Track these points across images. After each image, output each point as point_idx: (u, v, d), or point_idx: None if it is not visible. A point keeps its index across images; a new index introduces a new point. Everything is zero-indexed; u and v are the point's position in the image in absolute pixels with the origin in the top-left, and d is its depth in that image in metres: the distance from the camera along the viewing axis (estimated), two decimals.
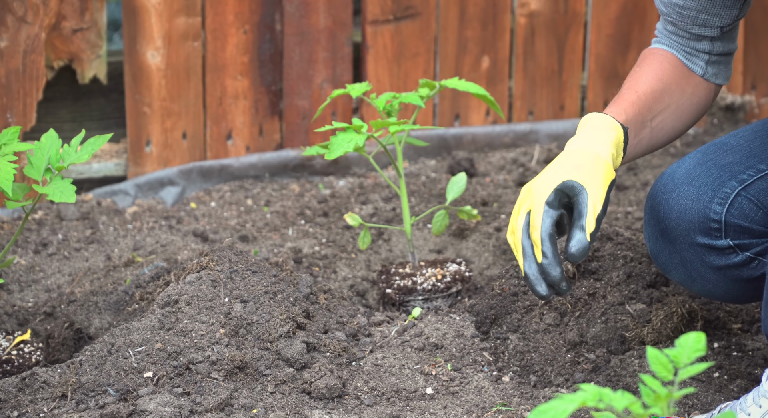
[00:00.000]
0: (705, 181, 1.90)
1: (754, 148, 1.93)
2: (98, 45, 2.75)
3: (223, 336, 1.99)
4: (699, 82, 1.99)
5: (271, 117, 2.90)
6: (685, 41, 1.97)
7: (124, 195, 2.77)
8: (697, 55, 1.98)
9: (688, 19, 1.94)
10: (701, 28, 1.94)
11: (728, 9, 1.92)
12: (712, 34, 1.95)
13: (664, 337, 2.03)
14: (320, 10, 2.86)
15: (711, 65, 1.99)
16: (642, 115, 1.91)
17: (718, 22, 1.93)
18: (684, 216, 1.90)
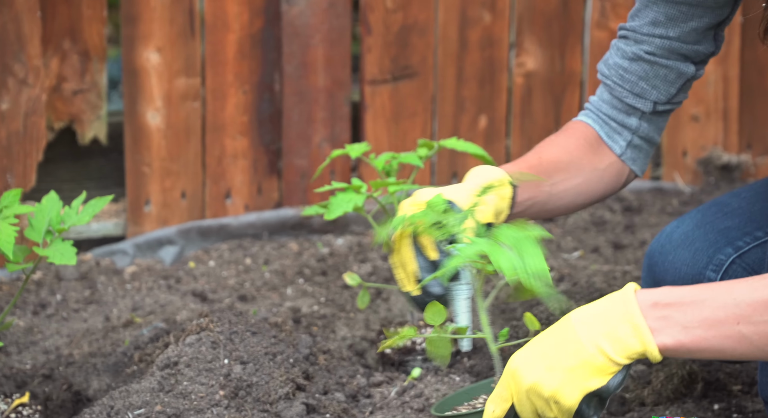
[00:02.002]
0: (701, 246, 1.90)
1: (753, 213, 1.93)
2: (99, 106, 2.77)
3: (223, 398, 1.98)
4: (614, 162, 1.93)
5: (270, 176, 2.91)
6: (615, 113, 1.93)
7: (122, 255, 2.77)
8: (621, 132, 1.93)
9: (627, 85, 1.90)
10: (636, 99, 1.91)
11: (668, 85, 1.90)
12: (644, 109, 1.91)
13: (664, 399, 2.03)
14: (319, 70, 2.88)
15: (632, 148, 1.94)
16: (538, 180, 1.88)
17: (655, 96, 1.90)
18: (678, 280, 1.90)
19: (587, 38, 3.04)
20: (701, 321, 1.45)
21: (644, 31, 1.89)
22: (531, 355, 1.48)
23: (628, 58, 1.90)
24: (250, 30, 2.83)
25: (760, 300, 1.43)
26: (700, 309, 1.45)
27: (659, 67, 1.89)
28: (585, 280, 2.59)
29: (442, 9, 2.93)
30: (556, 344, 1.46)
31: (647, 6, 1.89)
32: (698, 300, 1.45)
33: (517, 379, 1.49)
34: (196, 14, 2.78)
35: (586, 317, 1.47)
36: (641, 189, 3.09)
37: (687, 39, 1.87)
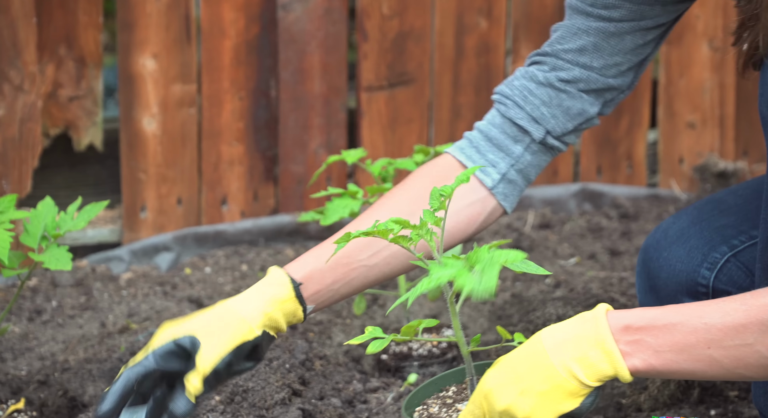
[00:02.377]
0: (696, 244, 1.89)
1: (750, 211, 1.92)
2: (94, 112, 2.77)
3: (219, 403, 1.98)
4: (481, 198, 1.80)
5: (266, 182, 2.91)
6: (503, 138, 1.81)
7: (118, 261, 2.76)
8: (497, 163, 1.81)
9: (528, 106, 1.82)
10: (531, 123, 1.81)
11: (567, 119, 1.82)
12: (535, 135, 1.81)
13: (661, 404, 2.02)
14: (315, 76, 2.88)
15: (505, 182, 1.81)
16: (349, 256, 1.74)
17: (551, 125, 1.82)
18: (673, 277, 1.89)
19: None
20: (672, 345, 1.46)
21: (568, 57, 1.82)
22: (504, 377, 1.49)
23: (537, 83, 1.83)
24: (246, 36, 2.83)
25: (731, 325, 1.45)
26: (672, 333, 1.46)
27: (566, 98, 1.82)
28: (582, 286, 2.59)
29: (439, 16, 2.94)
30: (528, 368, 1.48)
31: (576, 34, 1.82)
32: (669, 324, 1.46)
33: (490, 401, 1.50)
34: (192, 21, 2.78)
35: (558, 341, 1.47)
36: (637, 196, 3.09)
37: (607, 72, 1.82)
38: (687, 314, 1.46)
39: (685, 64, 3.11)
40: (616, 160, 3.11)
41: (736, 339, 1.44)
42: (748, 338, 1.44)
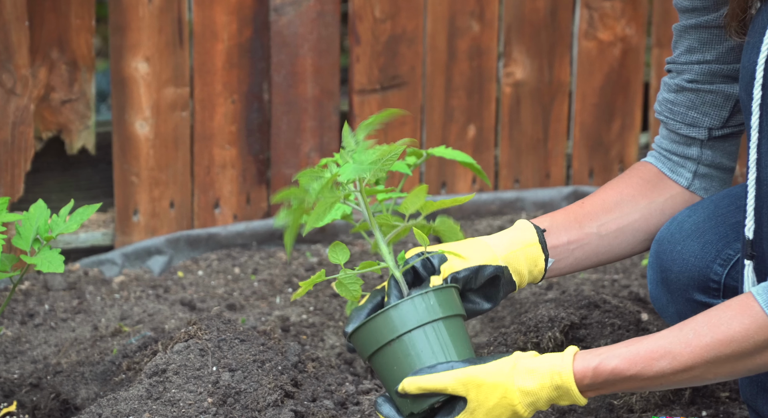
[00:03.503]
0: (711, 239, 1.89)
1: (765, 208, 1.92)
2: (87, 116, 2.77)
3: (211, 405, 1.98)
4: (677, 193, 1.93)
5: (259, 186, 2.91)
6: (675, 146, 1.94)
7: (111, 265, 2.77)
8: (684, 164, 1.94)
9: (678, 117, 1.92)
10: (690, 129, 1.92)
11: (717, 109, 1.91)
12: (701, 137, 1.92)
13: (652, 405, 2.03)
14: (308, 79, 2.89)
15: (699, 178, 1.94)
16: (579, 222, 1.88)
17: (707, 122, 1.91)
18: (685, 271, 1.90)
19: (575, 48, 3.05)
20: (628, 389, 1.69)
21: (682, 60, 1.91)
22: (478, 405, 1.68)
23: (673, 91, 1.92)
24: (239, 39, 2.84)
25: (679, 368, 1.65)
26: (628, 382, 1.67)
27: (704, 94, 1.90)
28: (574, 288, 2.59)
29: (431, 19, 2.94)
30: (503, 410, 1.68)
31: (681, 36, 1.91)
32: (626, 377, 1.66)
33: None
34: (184, 24, 2.79)
35: (528, 389, 1.68)
36: None
37: (726, 59, 1.88)
38: (640, 364, 1.65)
39: None
40: (608, 162, 3.12)
41: (685, 376, 1.65)
42: (696, 372, 1.65)
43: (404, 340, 1.70)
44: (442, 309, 1.72)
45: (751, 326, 1.62)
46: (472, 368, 1.67)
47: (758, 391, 1.85)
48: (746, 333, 1.62)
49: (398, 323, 1.71)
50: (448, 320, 1.72)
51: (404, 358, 1.70)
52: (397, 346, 1.70)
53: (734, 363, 1.64)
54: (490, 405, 1.66)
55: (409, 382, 1.68)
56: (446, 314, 1.72)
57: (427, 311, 1.71)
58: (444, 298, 1.73)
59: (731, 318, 1.63)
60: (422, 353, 1.70)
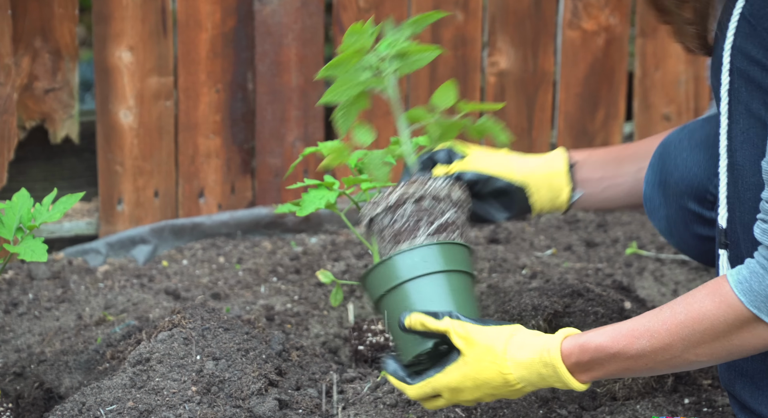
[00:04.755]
0: (716, 153, 1.87)
1: (737, 195, 1.92)
2: (70, 105, 2.76)
3: (195, 394, 1.98)
4: None
5: (243, 175, 2.91)
6: None
7: (95, 254, 2.76)
8: None
9: None
10: None
11: None
12: None
13: (635, 393, 2.04)
14: (292, 69, 2.88)
15: None
16: (619, 161, 1.90)
17: None
18: (685, 179, 1.89)
19: (559, 38, 3.06)
20: (615, 370, 1.72)
21: None
22: (467, 387, 1.75)
23: None
24: (223, 29, 2.83)
25: (658, 347, 1.69)
26: (613, 362, 1.71)
27: None
28: (557, 277, 2.60)
29: (415, 8, 2.94)
30: (492, 375, 1.73)
31: None
32: (610, 355, 1.70)
33: (451, 394, 1.76)
34: (168, 13, 2.78)
35: (518, 361, 1.73)
36: None
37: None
38: (622, 342, 1.69)
39: (660, 56, 3.12)
40: None
41: (665, 355, 1.68)
42: (675, 351, 1.68)
43: (412, 285, 1.78)
44: (451, 263, 1.79)
45: (722, 305, 1.64)
46: (472, 325, 1.72)
47: (736, 375, 1.87)
48: (717, 311, 1.65)
49: (405, 269, 1.78)
50: (457, 275, 1.78)
51: (411, 303, 1.77)
52: (406, 290, 1.78)
53: (711, 344, 1.66)
54: (481, 366, 1.71)
55: (415, 316, 1.75)
56: (454, 268, 1.79)
57: (436, 262, 1.78)
58: (454, 253, 1.80)
59: (704, 297, 1.66)
60: (429, 299, 1.77)
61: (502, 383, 1.72)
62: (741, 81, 1.70)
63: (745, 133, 1.71)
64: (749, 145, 1.71)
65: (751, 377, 1.85)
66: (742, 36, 1.69)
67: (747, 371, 1.85)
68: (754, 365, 1.84)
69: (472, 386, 1.74)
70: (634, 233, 2.89)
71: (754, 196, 1.71)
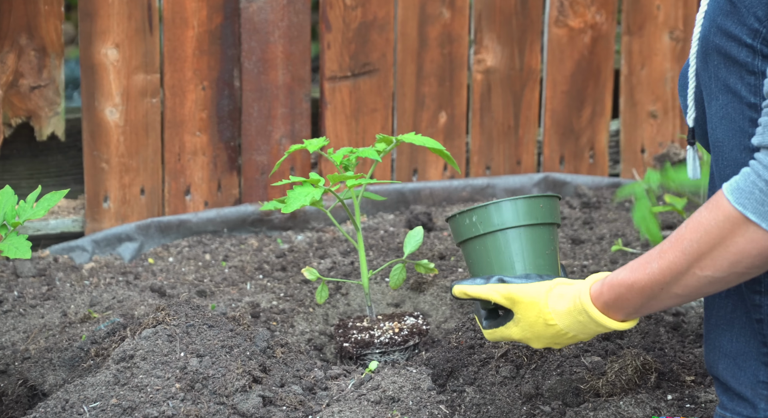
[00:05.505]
0: None
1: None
2: (56, 102, 2.76)
3: (179, 391, 1.98)
4: None
5: (230, 172, 2.91)
6: None
7: (81, 251, 2.76)
8: None
9: None
10: None
11: None
12: None
13: (619, 389, 2.04)
14: (279, 66, 2.88)
15: None
16: None
17: None
18: None
19: (546, 35, 3.06)
20: (642, 303, 1.74)
21: None
22: (531, 330, 1.84)
23: None
24: (209, 26, 2.83)
25: (666, 267, 1.69)
26: (636, 295, 1.73)
27: None
28: None
29: (402, 5, 2.94)
30: (542, 327, 1.82)
31: None
32: (630, 284, 1.73)
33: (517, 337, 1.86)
34: (154, 10, 2.78)
35: (559, 311, 1.80)
36: (600, 185, 3.11)
37: None
38: (638, 271, 1.71)
39: (646, 54, 3.13)
40: (578, 149, 3.13)
41: (673, 274, 1.67)
42: (681, 267, 1.66)
43: (484, 240, 1.88)
44: (528, 217, 1.88)
45: (713, 209, 1.63)
46: (513, 286, 1.81)
47: (719, 356, 1.88)
48: (709, 216, 1.63)
49: (486, 221, 1.88)
50: (528, 229, 1.87)
51: (479, 257, 1.89)
52: (481, 242, 1.89)
53: (711, 255, 1.63)
54: (530, 320, 1.80)
55: (457, 289, 1.86)
56: (530, 222, 1.88)
57: (508, 217, 1.87)
58: (532, 206, 1.89)
59: (703, 208, 1.65)
60: (490, 260, 1.88)
61: (554, 333, 1.80)
62: (719, 58, 1.73)
63: (724, 108, 1.73)
64: (728, 121, 1.73)
65: (733, 358, 1.86)
66: (722, 14, 1.71)
67: (730, 352, 1.87)
68: (738, 347, 1.86)
69: (533, 337, 1.82)
70: (620, 230, 2.90)
71: (734, 173, 1.72)
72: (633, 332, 2.21)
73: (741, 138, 1.73)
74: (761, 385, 1.85)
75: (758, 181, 1.60)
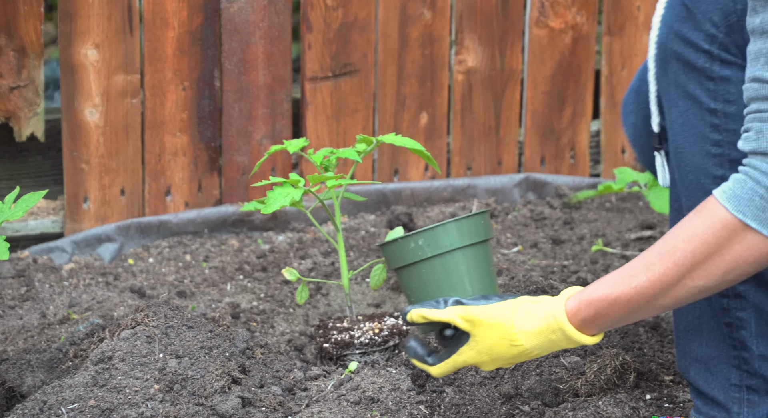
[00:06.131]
0: None
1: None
2: (36, 102, 2.75)
3: (158, 392, 1.97)
4: None
5: (211, 173, 2.91)
6: None
7: (60, 252, 2.75)
8: None
9: None
10: None
11: None
12: None
13: (598, 389, 2.05)
14: (259, 67, 2.88)
15: None
16: None
17: None
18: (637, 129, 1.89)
19: (527, 36, 3.07)
20: (623, 316, 1.70)
21: None
22: (484, 357, 1.78)
23: None
24: (190, 27, 2.83)
25: (655, 279, 1.65)
26: (619, 309, 1.68)
27: None
28: (523, 274, 2.60)
29: (383, 6, 2.95)
30: (507, 354, 1.76)
31: None
32: (614, 299, 1.68)
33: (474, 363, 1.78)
34: (134, 11, 2.77)
35: (527, 330, 1.74)
36: (580, 185, 3.12)
37: None
38: (622, 284, 1.66)
39: (626, 55, 3.14)
40: (559, 150, 3.14)
41: (664, 286, 1.63)
42: (672, 280, 1.63)
43: (431, 263, 1.83)
44: (472, 236, 1.84)
45: (708, 218, 1.59)
46: (475, 307, 1.75)
47: (690, 361, 1.89)
48: (704, 225, 1.60)
49: (434, 244, 1.83)
50: (473, 248, 1.84)
51: (426, 280, 1.83)
52: (428, 265, 1.83)
53: (705, 264, 1.60)
54: (491, 342, 1.74)
55: (415, 313, 1.79)
56: (475, 240, 1.84)
57: (454, 238, 1.82)
58: (475, 224, 1.85)
59: (692, 216, 1.62)
60: (439, 282, 1.82)
61: (517, 353, 1.75)
62: (678, 64, 1.73)
63: (684, 115, 1.74)
64: (689, 127, 1.73)
65: (704, 363, 1.87)
66: (679, 20, 1.72)
67: (700, 356, 1.87)
68: (708, 351, 1.86)
69: (489, 360, 1.77)
70: (600, 230, 2.90)
71: (696, 179, 1.72)
72: (612, 332, 2.21)
73: (702, 144, 1.74)
74: (733, 388, 1.85)
75: (758, 188, 1.57)
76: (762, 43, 1.56)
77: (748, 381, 1.85)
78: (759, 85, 1.58)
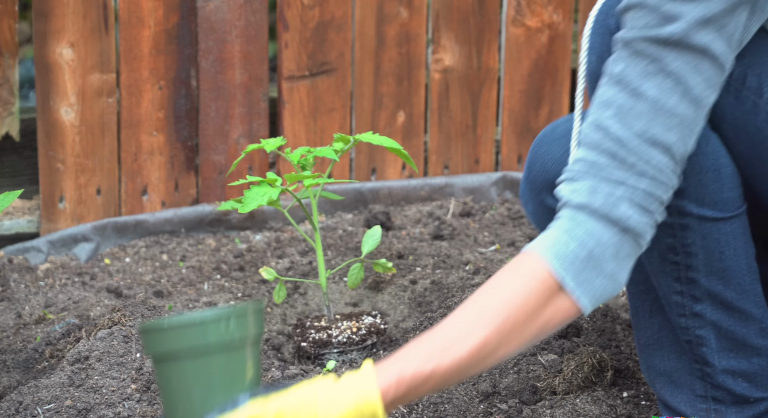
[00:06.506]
0: None
1: None
2: (11, 102, 2.74)
3: (135, 392, 1.97)
4: None
5: (187, 172, 2.90)
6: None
7: (36, 252, 2.74)
8: None
9: None
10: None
11: None
12: None
13: (575, 387, 2.05)
14: (236, 66, 2.87)
15: None
16: None
17: None
18: (542, 174, 1.87)
19: (504, 35, 3.07)
20: (431, 388, 1.53)
21: None
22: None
23: None
24: (166, 25, 2.82)
25: (474, 349, 1.52)
26: (428, 382, 1.51)
27: None
28: None
29: (359, 5, 2.94)
30: None
31: None
32: (425, 375, 1.51)
33: None
34: (109, 9, 2.76)
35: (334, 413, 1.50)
36: None
37: None
38: (436, 358, 1.50)
39: None
40: None
41: (481, 355, 1.51)
42: (491, 348, 1.51)
43: (192, 363, 1.51)
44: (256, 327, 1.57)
45: (530, 279, 1.52)
46: (275, 400, 1.50)
47: (654, 375, 1.89)
48: (526, 287, 1.51)
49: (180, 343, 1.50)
50: (237, 351, 1.55)
51: (198, 386, 1.52)
52: (182, 368, 1.51)
53: (522, 328, 1.51)
54: None
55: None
56: (257, 331, 1.58)
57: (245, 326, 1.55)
58: (256, 315, 1.58)
59: (511, 274, 1.54)
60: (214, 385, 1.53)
61: None
62: None
63: None
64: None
65: (668, 376, 1.87)
66: (610, 53, 1.65)
67: (664, 370, 1.87)
68: (670, 364, 1.87)
69: None
70: None
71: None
72: (590, 330, 2.22)
73: None
74: (699, 399, 1.86)
75: (581, 249, 1.50)
76: None
77: (713, 393, 1.85)
78: None
